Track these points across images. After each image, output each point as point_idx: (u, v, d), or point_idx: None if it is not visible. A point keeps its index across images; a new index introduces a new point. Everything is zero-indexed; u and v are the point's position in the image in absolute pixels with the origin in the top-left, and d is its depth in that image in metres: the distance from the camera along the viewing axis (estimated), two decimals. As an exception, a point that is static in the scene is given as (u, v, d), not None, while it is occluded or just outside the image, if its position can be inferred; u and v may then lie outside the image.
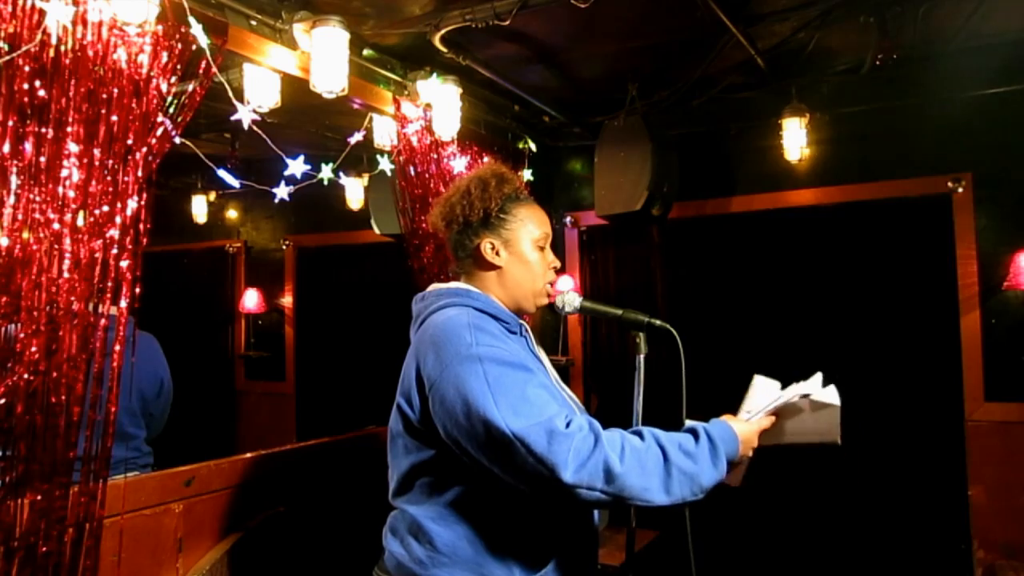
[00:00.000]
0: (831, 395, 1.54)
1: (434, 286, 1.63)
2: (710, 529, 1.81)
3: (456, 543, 1.42)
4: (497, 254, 1.57)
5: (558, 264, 1.65)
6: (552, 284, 1.64)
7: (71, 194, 1.50)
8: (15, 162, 1.42)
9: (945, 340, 3.38)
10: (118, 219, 1.58)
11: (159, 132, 1.68)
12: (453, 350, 1.37)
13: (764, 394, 1.60)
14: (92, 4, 1.54)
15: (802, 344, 3.71)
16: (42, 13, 1.46)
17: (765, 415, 1.53)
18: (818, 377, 1.58)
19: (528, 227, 1.59)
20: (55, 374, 1.47)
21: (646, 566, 3.18)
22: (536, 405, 1.30)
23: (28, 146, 1.44)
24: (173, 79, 1.71)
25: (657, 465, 1.30)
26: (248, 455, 2.29)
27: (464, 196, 1.58)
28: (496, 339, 1.41)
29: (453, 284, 1.61)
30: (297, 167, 2.33)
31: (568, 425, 1.28)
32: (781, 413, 1.55)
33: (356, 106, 2.67)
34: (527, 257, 1.58)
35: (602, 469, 1.25)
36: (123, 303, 1.59)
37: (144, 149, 1.64)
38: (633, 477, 1.27)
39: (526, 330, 1.61)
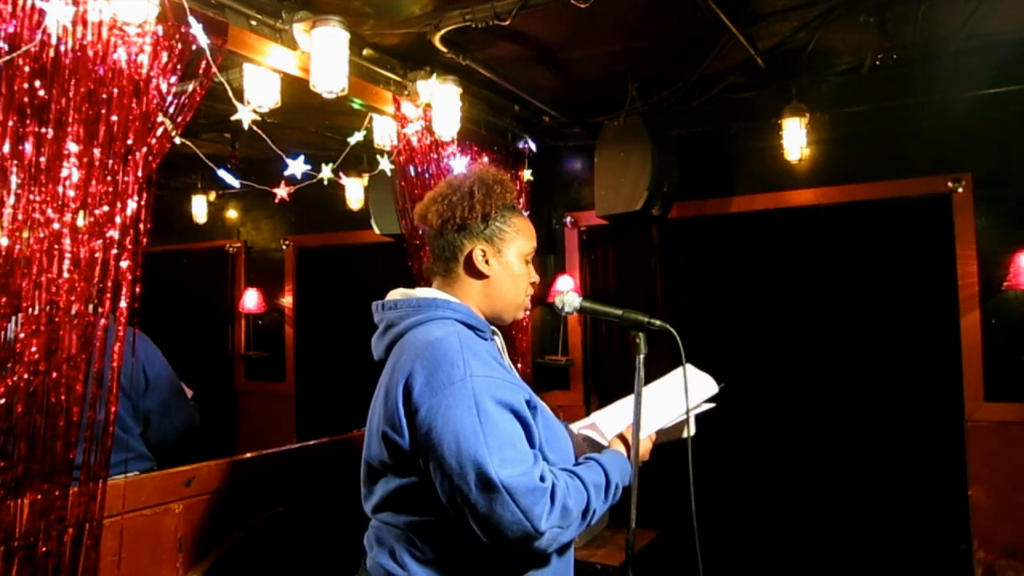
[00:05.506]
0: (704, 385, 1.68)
1: (402, 293, 1.54)
2: (711, 528, 1.81)
3: (444, 565, 1.39)
4: (487, 263, 1.51)
5: (537, 280, 1.62)
6: (530, 298, 1.63)
7: (71, 194, 1.50)
8: (15, 162, 1.42)
9: (945, 340, 3.38)
10: (118, 219, 1.58)
11: (159, 132, 1.68)
12: (445, 377, 1.31)
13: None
14: (92, 4, 1.54)
15: (802, 344, 3.70)
16: (42, 13, 1.46)
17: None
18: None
19: (520, 240, 1.55)
20: (55, 374, 1.47)
21: (646, 566, 3.18)
22: (522, 453, 1.31)
23: (28, 146, 1.44)
24: (173, 79, 1.71)
25: (582, 498, 1.38)
26: (248, 455, 2.29)
27: (466, 197, 1.50)
28: (489, 367, 1.36)
29: (427, 293, 1.52)
30: (297, 167, 2.33)
31: (543, 478, 1.31)
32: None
33: (356, 106, 2.67)
34: (515, 270, 1.54)
35: (559, 510, 1.31)
36: (123, 303, 1.59)
37: (144, 149, 1.64)
38: (576, 511, 1.35)
39: (496, 335, 1.58)
